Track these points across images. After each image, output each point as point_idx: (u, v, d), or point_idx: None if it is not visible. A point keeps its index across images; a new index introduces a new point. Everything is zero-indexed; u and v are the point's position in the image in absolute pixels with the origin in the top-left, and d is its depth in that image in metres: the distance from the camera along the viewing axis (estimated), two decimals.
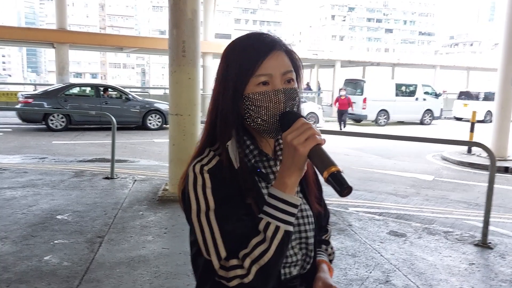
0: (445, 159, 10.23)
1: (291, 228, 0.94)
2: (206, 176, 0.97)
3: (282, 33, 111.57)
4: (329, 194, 4.59)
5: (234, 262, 0.92)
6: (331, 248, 1.29)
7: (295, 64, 1.05)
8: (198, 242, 0.96)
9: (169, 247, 4.02)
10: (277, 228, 0.92)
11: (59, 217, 4.75)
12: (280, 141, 1.10)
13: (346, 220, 5.03)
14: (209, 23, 20.82)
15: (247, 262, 0.91)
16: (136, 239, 4.17)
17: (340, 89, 16.37)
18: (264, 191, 1.02)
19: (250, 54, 0.99)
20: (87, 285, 3.23)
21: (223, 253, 0.93)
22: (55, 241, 4.05)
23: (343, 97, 15.77)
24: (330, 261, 1.25)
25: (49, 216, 4.75)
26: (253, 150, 1.04)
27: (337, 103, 16.08)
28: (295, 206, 0.94)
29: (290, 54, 1.04)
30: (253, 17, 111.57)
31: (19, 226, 4.40)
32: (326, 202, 1.28)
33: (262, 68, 0.98)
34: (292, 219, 0.94)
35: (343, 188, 0.85)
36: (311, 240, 1.09)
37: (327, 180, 0.87)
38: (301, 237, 1.07)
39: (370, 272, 3.59)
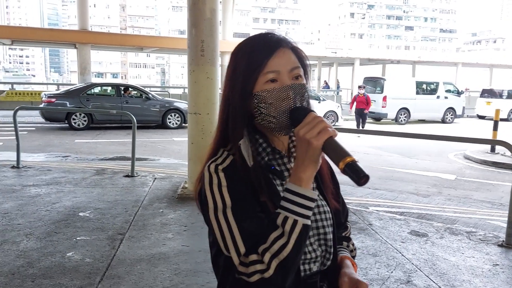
0: (467, 158, 10.05)
1: (309, 222, 0.94)
2: (221, 175, 0.99)
3: (300, 31, 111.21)
4: (349, 193, 4.60)
5: (253, 257, 0.93)
6: (352, 244, 1.29)
7: (302, 61, 1.06)
8: (217, 241, 0.98)
9: (188, 245, 4.05)
10: (295, 222, 0.92)
11: (81, 214, 4.83)
12: (294, 137, 1.10)
13: (366, 219, 4.98)
14: (228, 22, 20.88)
15: (266, 257, 0.91)
16: (156, 237, 4.21)
17: (359, 87, 14.94)
18: (279, 188, 1.03)
19: (257, 53, 1.01)
20: (108, 281, 3.27)
21: (242, 249, 0.94)
22: (78, 238, 4.12)
23: (361, 95, 14.43)
24: (353, 257, 1.25)
25: (71, 213, 4.83)
26: (266, 148, 1.05)
27: (354, 103, 14.70)
28: (311, 200, 0.94)
29: (296, 51, 1.06)
30: (271, 16, 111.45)
31: (43, 223, 4.49)
32: (346, 201, 1.28)
33: (269, 65, 1.00)
34: (309, 213, 0.94)
35: (360, 177, 0.85)
36: (330, 236, 1.09)
37: (343, 171, 0.88)
38: (319, 233, 1.07)
39: (391, 272, 3.55)
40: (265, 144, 1.05)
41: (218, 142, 1.07)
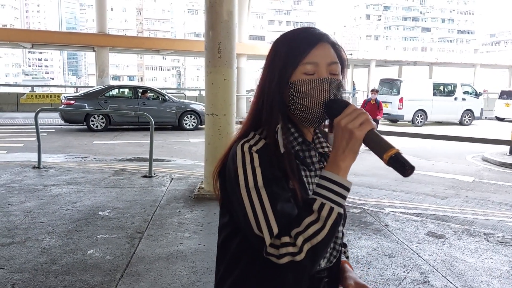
0: (486, 160, 9.92)
1: (342, 211, 0.95)
2: (255, 155, 0.99)
3: None
4: (365, 194, 4.63)
5: (286, 239, 0.93)
6: (347, 250, 1.32)
7: (341, 58, 1.07)
8: (246, 218, 0.97)
9: (205, 244, 4.10)
10: (331, 209, 0.93)
11: (101, 213, 4.93)
12: (318, 134, 1.14)
13: (382, 220, 4.98)
14: (243, 25, 20.96)
15: (299, 240, 0.92)
16: (174, 236, 4.28)
17: (372, 91, 11.80)
18: (304, 178, 1.06)
19: (298, 43, 1.03)
20: (128, 278, 3.35)
21: (275, 229, 0.94)
22: (98, 236, 4.21)
23: (372, 102, 11.20)
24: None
25: (91, 212, 4.94)
26: (297, 138, 1.07)
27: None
28: (347, 189, 0.96)
29: (336, 48, 1.07)
30: (286, 18, 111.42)
31: (64, 221, 4.60)
32: (361, 202, 1.31)
33: (309, 57, 1.02)
34: (344, 202, 0.96)
35: (405, 168, 0.87)
36: (340, 234, 1.11)
37: (388, 163, 0.89)
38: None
39: (408, 273, 3.55)
40: (297, 134, 1.07)
41: (250, 125, 1.08)
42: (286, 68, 1.02)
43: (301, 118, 1.05)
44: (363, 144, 0.95)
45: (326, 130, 1.13)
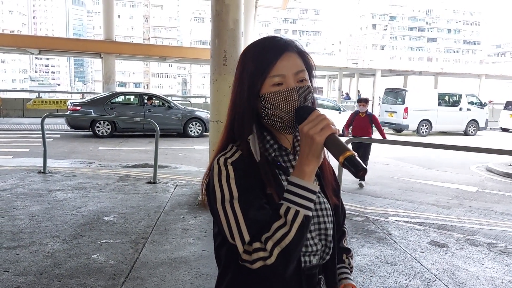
0: (490, 170, 9.90)
1: (310, 213, 1.00)
2: (230, 168, 1.05)
3: (321, 42, 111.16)
4: (368, 203, 4.67)
5: (257, 245, 0.98)
6: (351, 257, 1.33)
7: (308, 64, 1.12)
8: (222, 230, 1.03)
9: (208, 250, 4.13)
10: (297, 212, 0.98)
11: (105, 218, 4.96)
12: (298, 136, 1.15)
13: (385, 229, 4.99)
14: (249, 33, 21.09)
15: (269, 245, 0.97)
16: (178, 241, 4.31)
17: (359, 101, 8.26)
18: (284, 183, 1.09)
19: (264, 56, 1.07)
20: (131, 283, 3.37)
21: (246, 237, 0.99)
22: (102, 241, 4.24)
23: (362, 115, 7.96)
24: (351, 271, 1.30)
25: (96, 217, 4.98)
26: (273, 145, 1.11)
27: (350, 125, 8.15)
28: (313, 192, 1.00)
29: (302, 55, 1.11)
30: (292, 27, 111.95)
31: (69, 226, 4.64)
32: (365, 210, 1.35)
33: (275, 69, 1.06)
34: (311, 205, 1.00)
35: (358, 170, 0.92)
36: (330, 232, 1.14)
37: (343, 164, 0.94)
38: (320, 228, 1.12)
39: (410, 281, 3.56)
40: (272, 141, 1.11)
41: (227, 139, 1.14)
42: (255, 82, 1.07)
43: (275, 127, 1.10)
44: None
45: None
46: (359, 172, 0.92)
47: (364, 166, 0.93)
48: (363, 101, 8.11)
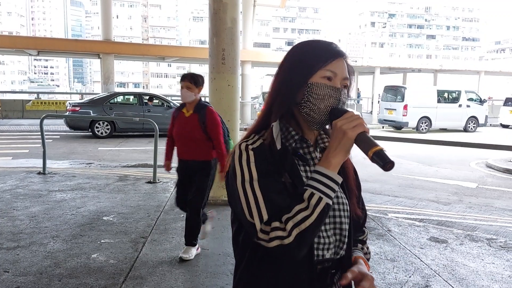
0: (490, 166, 9.90)
1: (330, 202, 1.05)
2: (251, 152, 1.11)
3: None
4: (368, 200, 4.69)
5: (276, 224, 1.03)
6: (367, 248, 1.37)
7: (350, 76, 1.19)
8: (241, 209, 1.07)
9: (209, 248, 4.13)
10: (320, 199, 1.03)
11: (105, 218, 4.97)
12: (322, 133, 1.23)
13: (385, 225, 4.99)
14: (248, 32, 21.09)
15: (289, 225, 1.01)
16: (178, 240, 4.31)
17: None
18: (303, 173, 1.14)
19: (324, 51, 1.16)
20: (131, 282, 3.38)
21: (265, 216, 1.04)
22: (102, 241, 4.25)
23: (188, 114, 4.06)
24: (367, 260, 1.31)
25: (96, 217, 4.98)
26: (294, 136, 1.16)
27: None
28: (337, 183, 1.06)
29: (348, 67, 1.19)
30: (291, 26, 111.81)
31: (69, 226, 4.65)
32: (365, 207, 1.36)
33: (330, 65, 1.13)
34: (332, 194, 1.05)
35: (386, 163, 0.97)
36: (345, 227, 1.17)
37: (371, 158, 1.00)
38: (335, 221, 1.16)
39: (410, 277, 3.56)
40: (294, 132, 1.16)
41: (254, 129, 1.20)
42: (309, 70, 1.13)
43: (307, 118, 1.15)
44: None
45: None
46: (387, 165, 0.97)
47: (392, 160, 0.97)
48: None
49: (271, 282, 1.13)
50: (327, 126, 1.18)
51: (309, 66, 1.14)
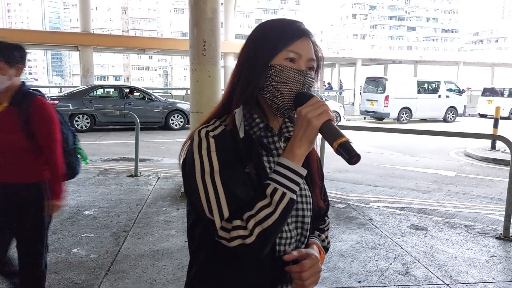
0: (468, 155, 10.08)
1: (295, 196, 0.98)
2: (212, 140, 1.01)
3: None
4: (350, 190, 4.70)
5: (237, 222, 0.95)
6: (326, 237, 1.29)
7: (318, 58, 1.11)
8: (200, 204, 0.99)
9: None
10: (283, 194, 0.96)
11: (85, 212, 4.91)
12: (286, 121, 1.15)
13: (366, 214, 5.05)
14: (230, 23, 20.97)
15: (251, 224, 0.94)
16: (160, 233, 4.28)
17: None
18: (266, 164, 1.07)
19: (287, 30, 1.07)
20: (113, 276, 3.35)
21: (226, 213, 0.96)
22: (82, 235, 4.20)
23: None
24: (324, 248, 1.26)
25: (76, 212, 4.91)
26: (259, 123, 1.08)
27: None
28: (301, 176, 0.99)
29: (315, 47, 1.11)
30: (274, 17, 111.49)
31: None
32: (346, 197, 1.34)
33: (294, 45, 1.05)
34: (297, 188, 0.98)
35: (351, 156, 0.91)
36: (307, 220, 1.11)
37: (336, 150, 0.93)
38: (297, 215, 1.10)
39: (390, 264, 3.61)
40: (259, 120, 1.08)
41: (215, 113, 1.11)
42: (272, 50, 1.05)
43: (270, 104, 1.07)
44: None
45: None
46: (352, 159, 0.91)
47: (358, 152, 0.91)
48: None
49: (230, 278, 1.05)
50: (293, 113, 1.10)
51: (271, 46, 1.05)
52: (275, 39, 1.05)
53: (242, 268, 1.04)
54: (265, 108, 1.09)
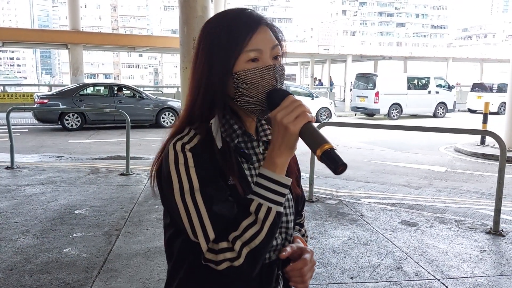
0: (458, 151, 10.18)
1: (281, 209, 0.92)
2: (189, 154, 0.92)
3: (293, 29, 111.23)
4: (342, 186, 4.74)
5: (224, 244, 0.89)
6: (305, 231, 1.24)
7: (278, 37, 1.00)
8: (183, 226, 0.92)
9: None
10: (269, 210, 0.90)
11: (77, 212, 4.88)
12: (263, 122, 1.07)
13: (358, 210, 5.08)
14: None
15: (237, 245, 0.88)
16: (152, 231, 4.27)
17: None
18: (247, 172, 1.00)
19: (237, 28, 0.95)
20: (105, 275, 3.33)
21: (211, 235, 0.89)
22: (74, 235, 4.17)
23: None
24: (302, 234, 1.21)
25: (67, 211, 4.88)
26: (236, 130, 0.99)
27: None
28: (286, 186, 0.92)
29: (272, 28, 1.00)
30: (264, 15, 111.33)
31: (39, 221, 4.54)
32: (338, 194, 1.32)
33: (251, 43, 0.94)
34: (282, 200, 0.92)
35: (337, 166, 0.82)
36: (291, 225, 1.07)
37: (320, 159, 0.84)
38: (281, 221, 1.02)
39: (382, 260, 3.64)
40: (236, 126, 0.99)
41: (185, 120, 1.01)
42: (229, 58, 0.94)
43: (248, 109, 0.98)
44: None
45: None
46: (339, 168, 0.82)
47: (344, 161, 0.82)
48: None
49: None
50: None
51: (226, 55, 0.94)
52: (228, 44, 0.94)
53: (228, 281, 0.95)
54: (240, 113, 1.01)
